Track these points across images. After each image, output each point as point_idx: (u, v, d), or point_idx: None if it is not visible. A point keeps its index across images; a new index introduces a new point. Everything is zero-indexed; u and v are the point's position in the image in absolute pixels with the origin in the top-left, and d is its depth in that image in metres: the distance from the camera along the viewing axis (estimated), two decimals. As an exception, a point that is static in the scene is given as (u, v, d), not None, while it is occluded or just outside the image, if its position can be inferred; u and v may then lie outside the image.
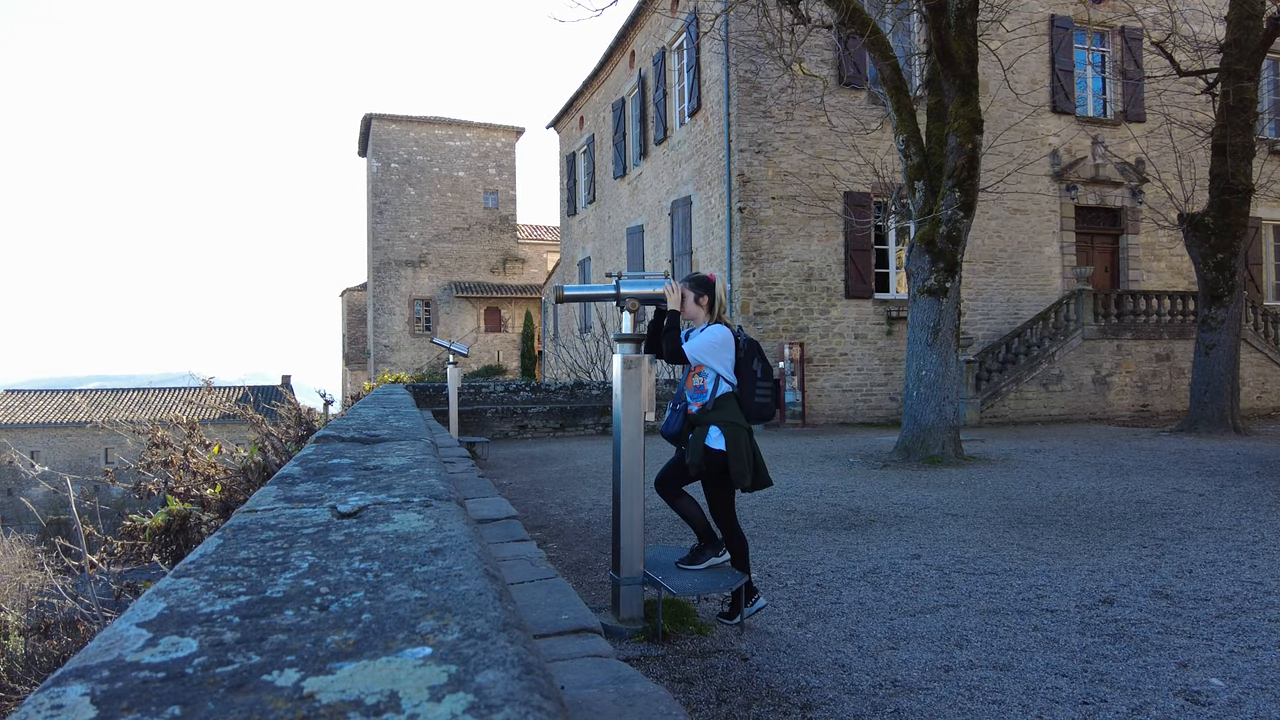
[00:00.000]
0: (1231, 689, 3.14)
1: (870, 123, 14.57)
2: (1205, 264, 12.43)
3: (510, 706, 0.69)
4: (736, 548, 3.95)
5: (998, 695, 3.12)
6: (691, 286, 3.94)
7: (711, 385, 3.87)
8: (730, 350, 3.87)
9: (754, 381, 3.88)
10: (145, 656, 0.82)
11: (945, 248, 9.67)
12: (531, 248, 37.57)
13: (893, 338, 15.27)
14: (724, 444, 3.79)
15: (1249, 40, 11.96)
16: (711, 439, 3.81)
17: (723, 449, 3.79)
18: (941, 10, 9.42)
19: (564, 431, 14.40)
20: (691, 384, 3.94)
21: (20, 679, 5.99)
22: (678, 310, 3.88)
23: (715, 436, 3.81)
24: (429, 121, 35.53)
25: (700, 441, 3.80)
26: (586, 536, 6.10)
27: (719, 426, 3.81)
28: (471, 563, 1.14)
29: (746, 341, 3.92)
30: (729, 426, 3.80)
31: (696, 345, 3.87)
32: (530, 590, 2.79)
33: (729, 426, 3.80)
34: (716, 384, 3.86)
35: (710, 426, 3.81)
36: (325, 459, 2.26)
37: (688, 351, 3.86)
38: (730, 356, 3.87)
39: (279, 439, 8.28)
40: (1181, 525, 6.06)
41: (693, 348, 3.87)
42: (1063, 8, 16.59)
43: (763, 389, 3.91)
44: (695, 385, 3.92)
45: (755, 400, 3.89)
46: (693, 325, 3.99)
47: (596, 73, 22.30)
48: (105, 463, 28.21)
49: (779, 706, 3.05)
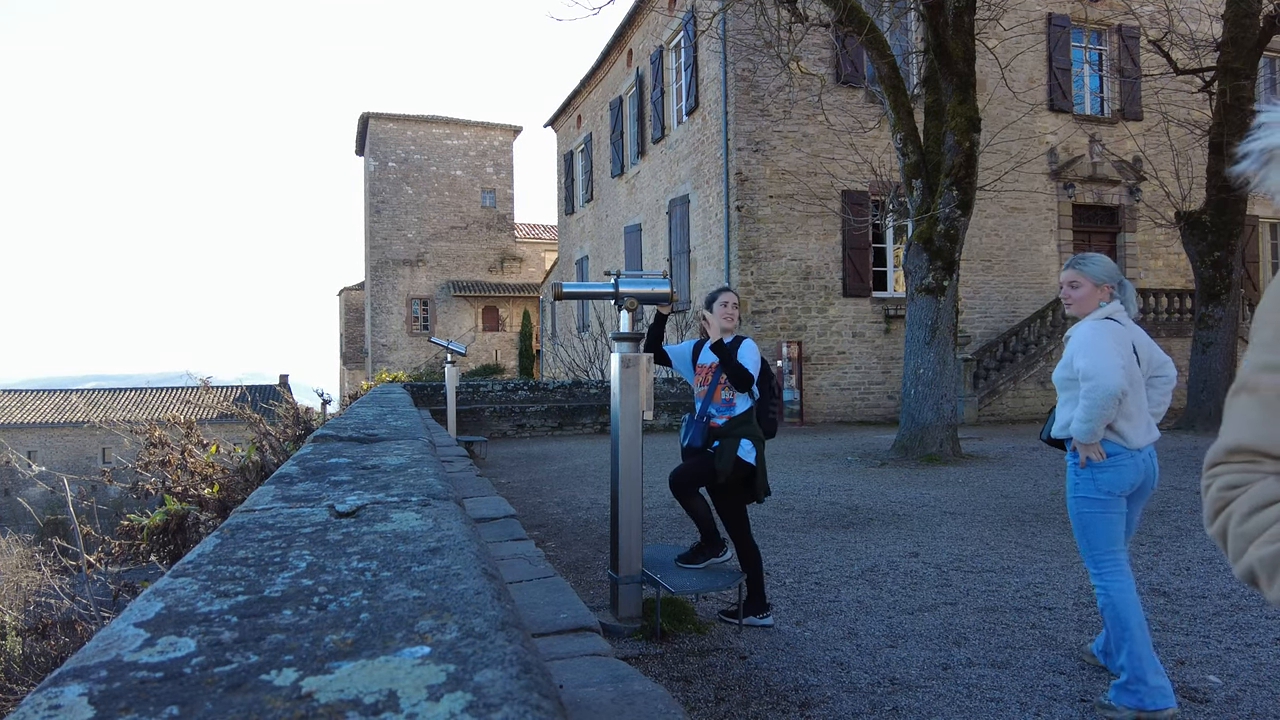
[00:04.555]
0: (1229, 686, 3.15)
1: (868, 121, 14.57)
2: (1202, 262, 12.45)
3: (509, 705, 0.69)
4: (750, 559, 3.96)
5: (996, 693, 3.12)
6: (736, 297, 4.06)
7: (740, 400, 3.95)
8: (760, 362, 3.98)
9: (769, 398, 4.01)
10: (143, 656, 0.82)
11: (943, 246, 9.67)
12: (529, 247, 37.54)
13: (890, 336, 15.28)
14: (754, 458, 3.88)
15: (1246, 38, 11.98)
16: (744, 451, 3.88)
17: (753, 463, 3.88)
18: (939, 9, 9.43)
19: (562, 430, 14.40)
20: (720, 397, 3.96)
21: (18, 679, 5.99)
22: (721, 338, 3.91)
23: (747, 450, 3.89)
24: (426, 120, 35.49)
25: (733, 450, 3.85)
26: (585, 535, 6.10)
27: (750, 440, 3.90)
28: (470, 562, 1.14)
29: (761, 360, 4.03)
30: (758, 441, 3.91)
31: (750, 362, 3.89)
32: (528, 589, 2.79)
33: (758, 441, 3.91)
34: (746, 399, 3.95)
35: (742, 439, 3.89)
36: (323, 458, 2.26)
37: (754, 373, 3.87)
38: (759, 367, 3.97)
39: (277, 438, 8.27)
40: (1179, 523, 6.08)
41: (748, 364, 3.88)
42: (1060, 6, 16.61)
43: (772, 406, 4.05)
44: (725, 399, 3.96)
45: (768, 416, 4.02)
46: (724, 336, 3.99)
47: (594, 71, 22.29)
48: (103, 462, 28.17)
49: (777, 705, 3.05)
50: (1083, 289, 3.17)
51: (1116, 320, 3.11)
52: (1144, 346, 3.17)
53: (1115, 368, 2.93)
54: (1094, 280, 3.16)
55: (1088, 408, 2.96)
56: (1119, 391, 2.92)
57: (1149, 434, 3.07)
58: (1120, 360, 2.97)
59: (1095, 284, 3.16)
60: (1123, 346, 3.04)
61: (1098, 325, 3.07)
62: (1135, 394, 3.06)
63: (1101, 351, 2.97)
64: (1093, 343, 3.01)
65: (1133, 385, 3.04)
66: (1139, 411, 3.07)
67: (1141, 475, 3.05)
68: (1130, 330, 3.14)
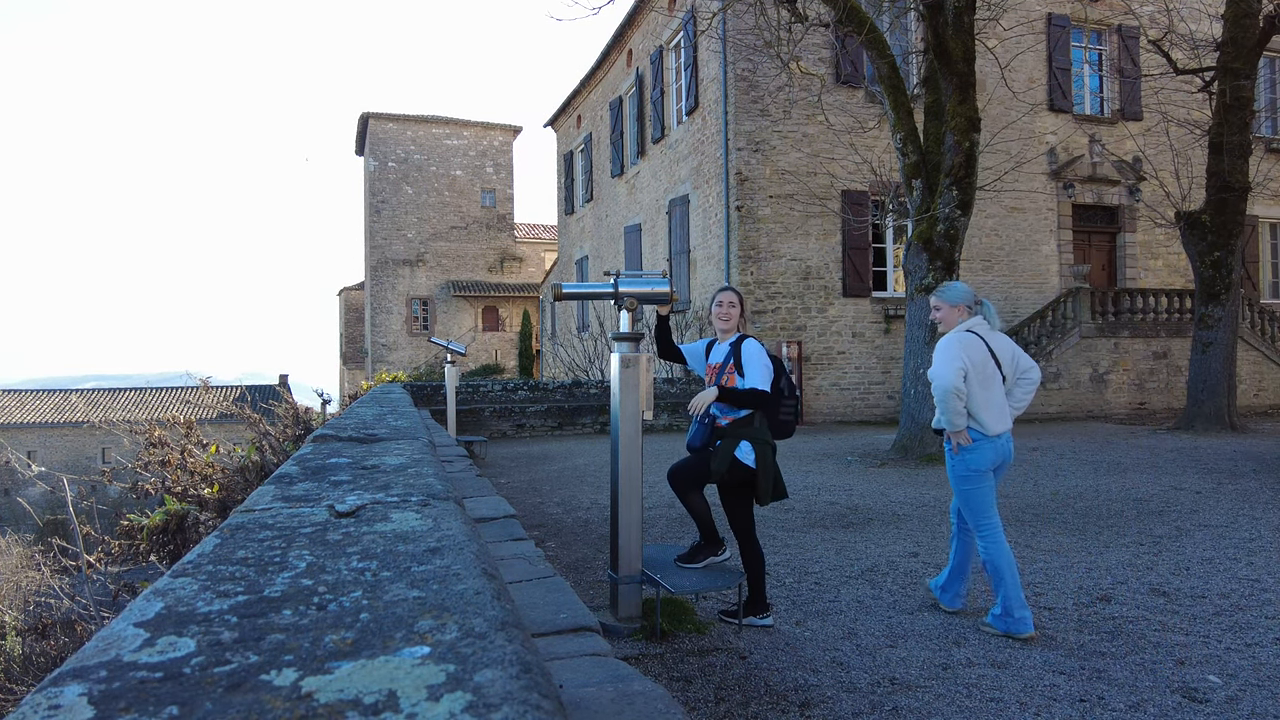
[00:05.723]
0: (1229, 686, 3.15)
1: (868, 121, 14.57)
2: (1202, 262, 12.45)
3: (508, 705, 0.69)
4: (754, 561, 3.93)
5: (996, 693, 3.12)
6: (739, 296, 4.02)
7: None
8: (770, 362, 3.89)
9: (780, 399, 3.89)
10: (143, 656, 0.82)
11: (943, 246, 9.67)
12: (529, 247, 37.54)
13: (890, 336, 15.28)
14: (754, 460, 3.80)
15: (1245, 38, 11.98)
16: (742, 453, 3.81)
17: (752, 465, 3.80)
18: (939, 8, 9.43)
19: (562, 430, 14.40)
20: None
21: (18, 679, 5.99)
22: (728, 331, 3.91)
23: (746, 451, 3.82)
24: (426, 120, 35.49)
25: (730, 451, 3.80)
26: (584, 535, 6.10)
27: (750, 442, 3.82)
28: (469, 562, 1.14)
29: (773, 358, 3.93)
30: (760, 444, 3.81)
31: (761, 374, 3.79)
32: (528, 589, 2.79)
33: (760, 444, 3.81)
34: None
35: (742, 440, 3.82)
36: (323, 458, 2.26)
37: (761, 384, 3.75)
38: (770, 369, 3.87)
39: (276, 438, 8.27)
40: (1179, 523, 6.08)
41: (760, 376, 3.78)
42: (1060, 6, 16.61)
43: (787, 406, 3.92)
44: None
45: (780, 418, 3.90)
46: (725, 337, 4.00)
47: (594, 71, 22.28)
48: (102, 462, 28.16)
49: (777, 705, 3.05)
50: (943, 311, 3.96)
51: (976, 332, 3.85)
52: (1006, 353, 3.88)
53: (952, 371, 3.68)
54: (950, 303, 3.94)
55: (937, 401, 3.77)
56: (952, 388, 3.67)
57: (1003, 423, 3.80)
58: (960, 364, 3.70)
59: (952, 306, 3.93)
60: (974, 353, 3.77)
61: (949, 337, 3.84)
62: (989, 391, 3.79)
63: (943, 359, 3.74)
64: (940, 351, 3.79)
65: (984, 382, 3.77)
66: (995, 405, 3.79)
67: (1000, 456, 3.84)
68: (992, 339, 3.86)
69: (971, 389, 3.74)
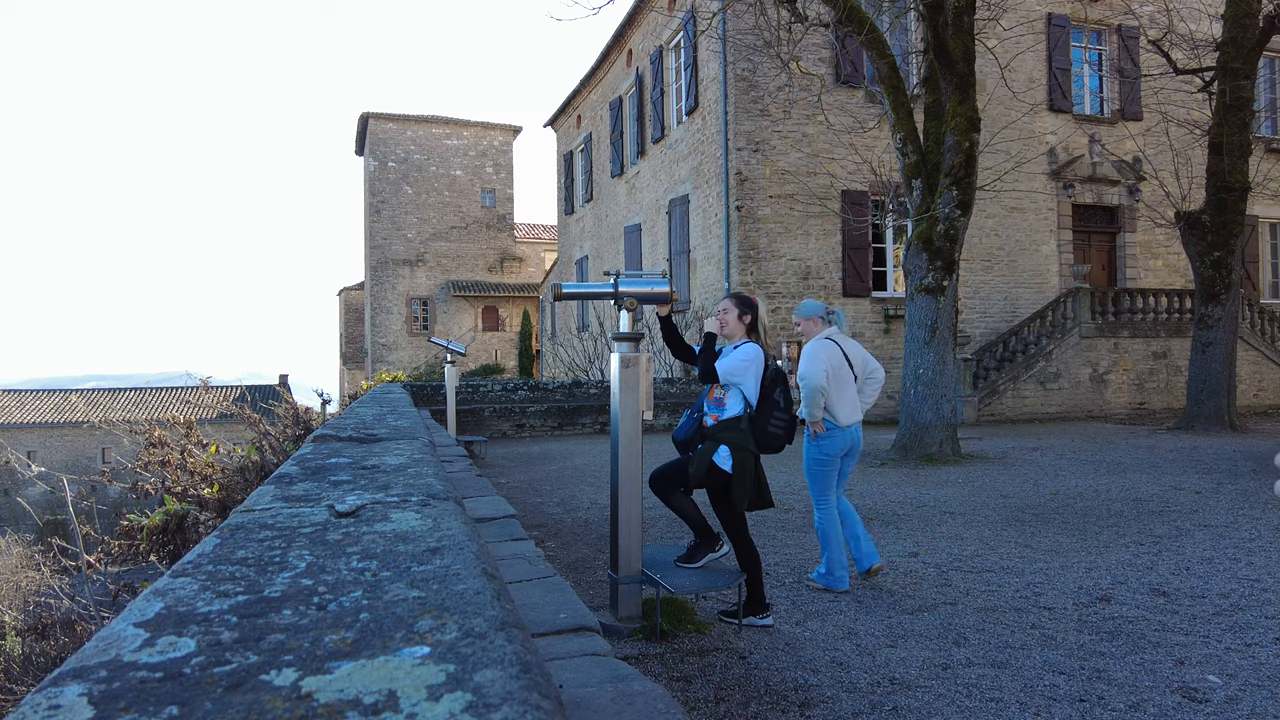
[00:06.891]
0: (1229, 686, 3.15)
1: (868, 121, 14.57)
2: (1202, 262, 12.45)
3: (508, 705, 0.69)
4: (750, 562, 3.92)
5: (995, 693, 3.12)
6: (737, 303, 4.00)
7: (732, 402, 3.88)
8: (760, 368, 3.87)
9: (772, 410, 3.87)
10: (143, 656, 0.82)
11: (942, 246, 9.68)
12: (529, 247, 37.54)
13: (890, 336, 15.28)
14: (731, 466, 3.79)
15: (1245, 38, 11.98)
16: (720, 458, 3.81)
17: (729, 470, 3.79)
18: (939, 8, 9.43)
19: (562, 430, 14.40)
20: (713, 395, 3.95)
21: (17, 679, 5.99)
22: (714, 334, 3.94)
23: (724, 456, 3.81)
24: (426, 120, 35.48)
25: (707, 456, 3.81)
26: (584, 535, 6.10)
27: (729, 447, 3.81)
28: (469, 562, 1.14)
29: (775, 370, 3.92)
30: (739, 450, 3.80)
31: (729, 365, 3.90)
32: (528, 589, 2.79)
33: (739, 450, 3.80)
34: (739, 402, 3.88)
35: (721, 445, 3.82)
36: (323, 458, 2.26)
37: (720, 370, 3.88)
38: (759, 375, 3.86)
39: (276, 438, 8.27)
40: (1178, 523, 6.08)
41: (726, 367, 3.89)
42: (1060, 6, 16.60)
43: (778, 420, 3.88)
44: (716, 398, 3.94)
45: (768, 429, 3.87)
46: (728, 342, 4.02)
47: (594, 71, 22.28)
48: (102, 462, 28.16)
49: (777, 705, 3.05)
50: (803, 325, 4.68)
51: (832, 339, 4.58)
52: (857, 356, 4.62)
53: (819, 372, 4.39)
54: (806, 317, 4.67)
55: (804, 397, 4.44)
56: (819, 387, 4.38)
57: (853, 416, 4.52)
58: (824, 366, 4.42)
59: (808, 318, 4.66)
60: (833, 358, 4.50)
61: (813, 344, 4.54)
62: (843, 389, 4.50)
63: (810, 363, 4.43)
64: (807, 355, 4.48)
65: (839, 382, 4.49)
66: (848, 401, 4.50)
67: (849, 443, 4.53)
68: (844, 344, 4.62)
69: (829, 387, 4.43)
